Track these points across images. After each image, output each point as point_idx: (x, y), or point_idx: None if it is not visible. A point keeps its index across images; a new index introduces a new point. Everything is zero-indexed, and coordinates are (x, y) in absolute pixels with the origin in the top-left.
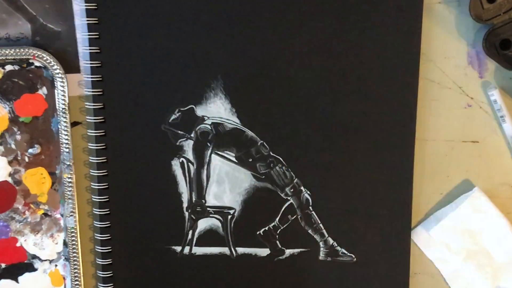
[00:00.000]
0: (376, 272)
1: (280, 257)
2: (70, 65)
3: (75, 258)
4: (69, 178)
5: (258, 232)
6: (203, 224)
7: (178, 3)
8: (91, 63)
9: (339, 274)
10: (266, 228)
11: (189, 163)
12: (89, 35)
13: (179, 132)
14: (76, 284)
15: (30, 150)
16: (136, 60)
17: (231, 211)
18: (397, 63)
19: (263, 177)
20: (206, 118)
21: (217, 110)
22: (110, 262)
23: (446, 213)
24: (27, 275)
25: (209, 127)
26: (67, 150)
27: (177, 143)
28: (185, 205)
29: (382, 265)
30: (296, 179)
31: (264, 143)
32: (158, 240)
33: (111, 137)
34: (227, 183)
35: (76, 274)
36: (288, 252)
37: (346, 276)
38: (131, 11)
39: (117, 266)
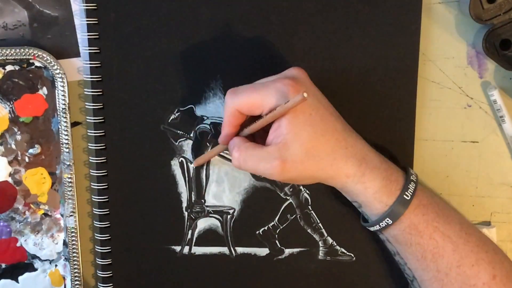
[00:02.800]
0: (375, 271)
1: (280, 257)
2: (69, 50)
3: (75, 258)
4: (69, 178)
5: (257, 232)
6: (202, 223)
7: (177, 3)
8: (90, 63)
9: (338, 273)
10: (266, 228)
11: (189, 163)
12: (88, 35)
13: (179, 132)
14: (76, 284)
15: (30, 150)
16: (135, 60)
17: (231, 211)
18: (397, 63)
19: (262, 176)
20: (205, 118)
21: (216, 110)
22: (110, 262)
23: None
24: (27, 275)
25: (208, 127)
26: (67, 150)
27: (177, 143)
28: (184, 205)
29: (381, 265)
30: None
31: None
32: (157, 240)
33: (111, 137)
34: (227, 183)
35: (76, 274)
36: (288, 251)
37: (345, 275)
38: (131, 11)
39: (117, 266)
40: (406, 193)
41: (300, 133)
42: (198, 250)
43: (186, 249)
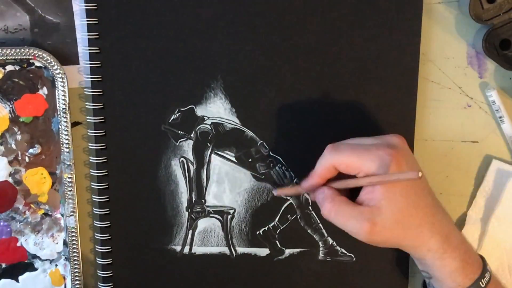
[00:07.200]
0: (376, 271)
1: (280, 257)
2: (69, 57)
3: (75, 258)
4: (69, 178)
5: (257, 232)
6: (203, 224)
7: (178, 3)
8: (90, 63)
9: (338, 273)
10: (266, 228)
11: (189, 163)
12: (89, 35)
13: (179, 132)
14: (76, 284)
15: (31, 150)
16: (136, 60)
17: (231, 211)
18: (397, 63)
19: (263, 177)
20: (206, 118)
21: (217, 110)
22: (110, 261)
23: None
24: (27, 274)
25: (209, 127)
26: (68, 150)
27: (177, 143)
28: (185, 205)
29: (381, 265)
30: (295, 179)
31: (264, 143)
32: (158, 240)
33: (111, 137)
34: (227, 183)
35: (76, 274)
36: (288, 252)
37: (346, 275)
38: (131, 11)
39: (117, 266)
40: (482, 280)
41: (395, 202)
42: (198, 250)
43: (186, 249)
